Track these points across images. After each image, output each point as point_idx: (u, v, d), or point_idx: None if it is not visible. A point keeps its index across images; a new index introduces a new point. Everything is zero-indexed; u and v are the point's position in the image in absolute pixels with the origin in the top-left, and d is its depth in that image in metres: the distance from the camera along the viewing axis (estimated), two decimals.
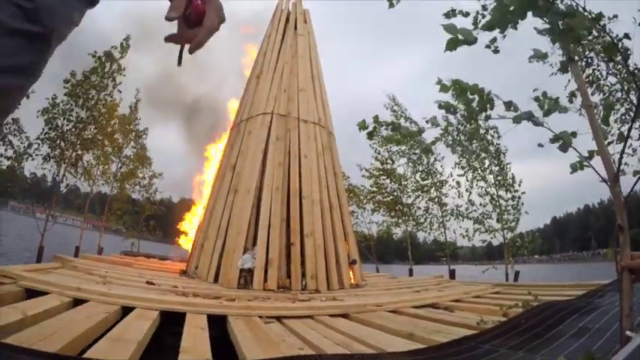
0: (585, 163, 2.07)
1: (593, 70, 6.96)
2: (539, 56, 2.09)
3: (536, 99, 2.15)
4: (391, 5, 2.51)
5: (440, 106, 2.36)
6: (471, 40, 1.89)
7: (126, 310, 4.06)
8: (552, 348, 2.33)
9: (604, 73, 6.90)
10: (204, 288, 6.40)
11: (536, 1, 1.78)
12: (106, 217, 16.01)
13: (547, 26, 1.91)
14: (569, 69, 2.24)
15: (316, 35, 11.03)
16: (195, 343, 3.12)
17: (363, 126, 2.86)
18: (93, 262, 8.88)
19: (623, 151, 1.94)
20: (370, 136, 2.92)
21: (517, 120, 2.14)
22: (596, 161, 2.06)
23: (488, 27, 1.87)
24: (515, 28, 1.90)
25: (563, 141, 2.07)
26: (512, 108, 2.18)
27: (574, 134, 2.11)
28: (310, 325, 4.14)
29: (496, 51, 2.28)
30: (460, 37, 1.89)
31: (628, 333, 2.20)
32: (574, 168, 2.09)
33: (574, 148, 2.08)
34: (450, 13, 2.55)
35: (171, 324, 3.95)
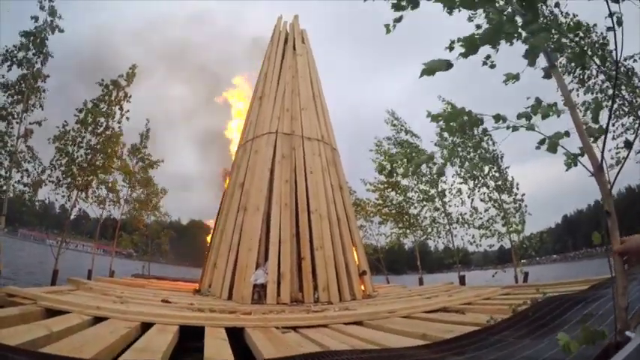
0: (578, 159, 2.24)
1: (584, 68, 7.21)
2: (512, 77, 2.27)
3: (533, 107, 2.32)
4: (388, 31, 2.68)
5: (436, 144, 2.57)
6: (443, 69, 2.12)
7: (145, 327, 4.16)
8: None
9: (594, 71, 7.15)
10: (219, 304, 6.54)
11: (501, 32, 1.98)
12: (116, 242, 16.23)
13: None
14: (552, 74, 2.41)
15: (315, 51, 11.39)
16: (218, 351, 3.27)
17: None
18: (107, 283, 9.01)
19: (604, 144, 2.10)
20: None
21: (514, 129, 2.31)
22: None
23: (464, 56, 2.08)
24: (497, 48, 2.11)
25: (550, 142, 2.24)
26: (500, 120, 2.35)
27: (567, 133, 2.27)
28: (326, 333, 4.25)
29: (492, 66, 2.45)
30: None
31: (627, 333, 2.34)
32: (568, 165, 2.25)
33: (562, 147, 2.25)
34: (451, 46, 2.73)
35: (189, 341, 4.03)
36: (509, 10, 2.12)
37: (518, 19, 2.11)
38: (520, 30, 2.11)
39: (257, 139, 9.32)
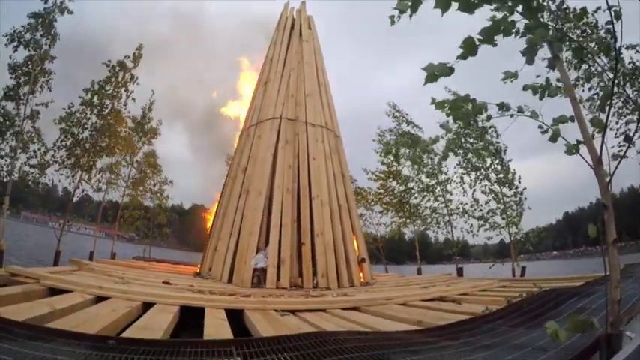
0: (579, 152, 2.28)
1: (589, 66, 7.20)
2: (510, 76, 2.29)
3: (541, 86, 2.35)
4: (393, 23, 2.70)
5: (441, 126, 2.59)
6: (446, 74, 2.12)
7: (146, 307, 4.24)
8: None
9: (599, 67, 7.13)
10: (219, 286, 6.63)
11: (498, 30, 1.99)
12: (118, 225, 16.30)
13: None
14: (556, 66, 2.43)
15: (320, 39, 11.33)
16: (218, 330, 3.33)
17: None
18: (108, 265, 9.13)
19: (603, 139, 2.12)
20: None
21: (519, 110, 2.35)
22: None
23: (462, 57, 2.09)
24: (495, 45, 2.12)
25: (553, 132, 2.27)
26: (504, 108, 2.38)
27: (572, 119, 2.30)
28: (324, 317, 4.33)
29: (494, 45, 2.46)
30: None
31: (627, 333, 2.39)
32: (570, 151, 2.28)
33: (563, 138, 2.28)
34: None
35: (189, 321, 4.10)
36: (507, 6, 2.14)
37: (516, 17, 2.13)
38: (517, 27, 2.13)
39: (261, 124, 9.35)
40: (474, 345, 2.11)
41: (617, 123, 8.31)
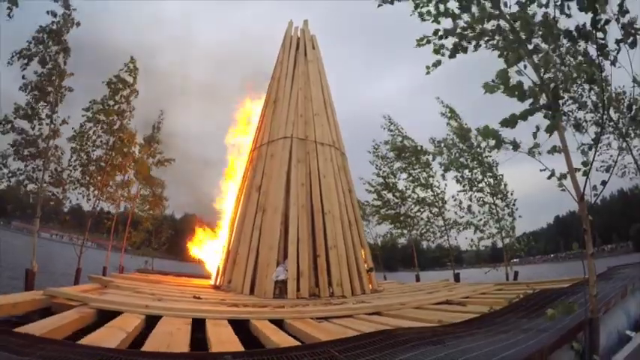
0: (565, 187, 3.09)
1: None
2: (521, 117, 3.09)
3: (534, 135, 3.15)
4: (427, 73, 3.54)
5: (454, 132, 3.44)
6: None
7: (194, 323, 4.47)
8: None
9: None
10: (247, 299, 7.22)
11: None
12: (127, 237, 16.54)
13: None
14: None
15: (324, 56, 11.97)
16: (279, 338, 3.86)
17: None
18: (126, 280, 9.18)
19: (587, 179, 2.91)
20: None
21: (518, 150, 3.16)
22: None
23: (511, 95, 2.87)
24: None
25: (551, 173, 3.07)
26: (513, 145, 3.17)
27: (560, 150, 3.09)
28: (355, 322, 4.89)
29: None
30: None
31: (627, 333, 3.30)
32: (560, 186, 3.07)
33: (557, 177, 3.07)
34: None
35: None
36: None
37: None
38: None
39: (272, 143, 10.03)
40: (494, 331, 2.91)
41: (601, 142, 9.12)
